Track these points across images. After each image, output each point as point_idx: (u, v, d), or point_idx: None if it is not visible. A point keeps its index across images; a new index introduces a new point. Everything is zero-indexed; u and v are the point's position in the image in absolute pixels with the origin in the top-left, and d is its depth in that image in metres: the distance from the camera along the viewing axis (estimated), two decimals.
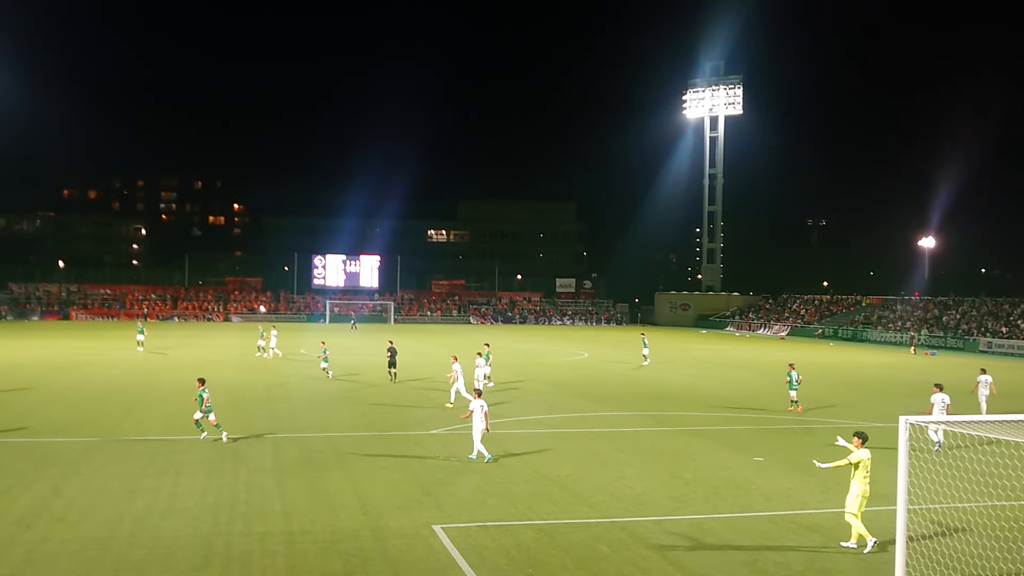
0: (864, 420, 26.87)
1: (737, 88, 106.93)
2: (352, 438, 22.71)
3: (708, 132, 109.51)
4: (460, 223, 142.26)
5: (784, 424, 26.71)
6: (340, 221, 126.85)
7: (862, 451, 13.87)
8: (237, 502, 15.92)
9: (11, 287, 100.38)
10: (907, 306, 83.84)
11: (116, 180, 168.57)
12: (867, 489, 13.75)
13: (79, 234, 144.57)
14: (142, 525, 14.29)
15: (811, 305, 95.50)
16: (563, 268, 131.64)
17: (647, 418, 27.53)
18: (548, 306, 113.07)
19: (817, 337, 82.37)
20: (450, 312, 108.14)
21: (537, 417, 27.16)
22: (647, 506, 16.27)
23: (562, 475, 18.62)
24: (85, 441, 21.60)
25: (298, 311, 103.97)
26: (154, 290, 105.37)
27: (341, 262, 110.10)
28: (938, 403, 22.53)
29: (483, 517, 15.23)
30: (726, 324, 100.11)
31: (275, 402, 29.37)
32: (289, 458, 19.92)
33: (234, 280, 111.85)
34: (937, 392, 22.78)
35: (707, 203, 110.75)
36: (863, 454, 13.82)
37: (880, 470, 19.29)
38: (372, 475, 18.28)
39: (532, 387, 35.45)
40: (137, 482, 17.25)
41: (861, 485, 13.72)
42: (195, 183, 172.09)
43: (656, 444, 22.64)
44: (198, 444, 21.32)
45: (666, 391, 35.03)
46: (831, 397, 33.96)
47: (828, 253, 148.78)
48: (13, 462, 18.83)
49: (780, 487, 18.01)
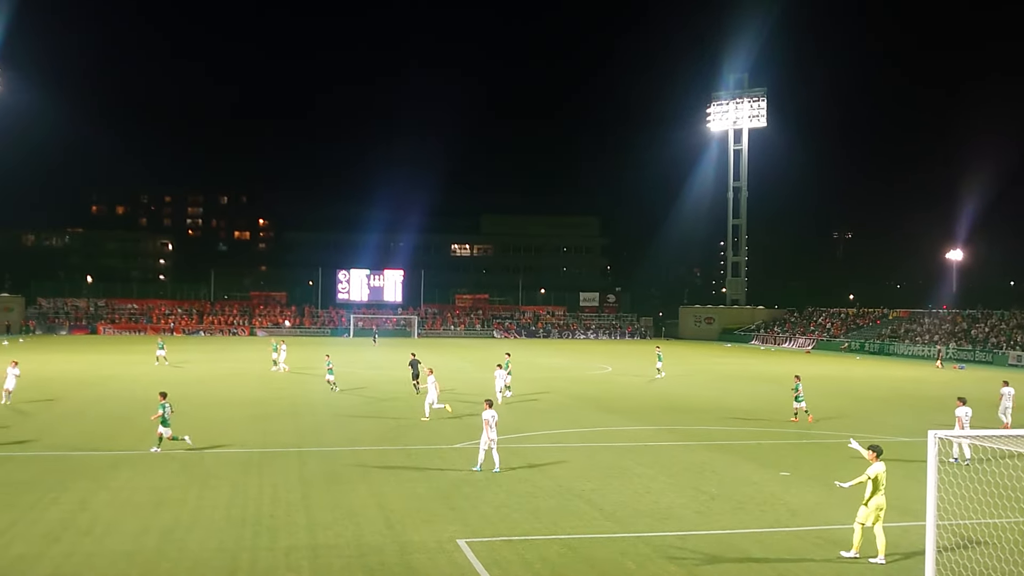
0: (891, 434, 26.61)
1: (761, 101, 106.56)
2: (376, 452, 22.74)
3: (732, 145, 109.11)
4: (484, 237, 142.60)
5: (810, 439, 26.49)
6: (364, 236, 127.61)
7: (878, 464, 13.90)
8: (262, 515, 15.98)
9: (40, 302, 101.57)
10: (935, 319, 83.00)
11: (143, 196, 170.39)
12: (883, 501, 13.77)
13: (107, 249, 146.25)
14: (168, 538, 14.37)
15: (837, 318, 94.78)
16: (587, 282, 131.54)
17: (671, 432, 27.40)
18: (572, 320, 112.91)
19: (843, 351, 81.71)
20: (473, 326, 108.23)
21: (561, 431, 27.09)
22: (672, 521, 16.18)
23: (586, 489, 18.56)
24: (112, 454, 21.76)
25: (322, 325, 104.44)
26: (180, 305, 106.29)
27: (365, 277, 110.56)
28: (963, 416, 22.38)
29: (507, 531, 15.19)
30: (751, 338, 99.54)
31: (300, 416, 29.48)
32: (314, 472, 19.97)
33: (259, 295, 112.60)
34: (961, 406, 22.61)
35: (731, 216, 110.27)
36: (879, 467, 13.85)
37: (908, 485, 19.13)
38: (396, 489, 18.29)
39: (556, 401, 35.38)
40: (163, 495, 17.36)
41: (877, 498, 13.70)
42: (221, 199, 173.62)
43: (681, 458, 22.52)
44: (224, 457, 21.43)
45: (691, 405, 34.84)
46: (858, 411, 33.66)
47: (854, 266, 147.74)
48: (41, 475, 19.00)
49: (806, 502, 17.84)
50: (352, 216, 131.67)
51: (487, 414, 20.02)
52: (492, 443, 19.97)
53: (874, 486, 13.73)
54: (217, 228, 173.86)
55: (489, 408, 20.21)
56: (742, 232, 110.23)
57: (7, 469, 19.61)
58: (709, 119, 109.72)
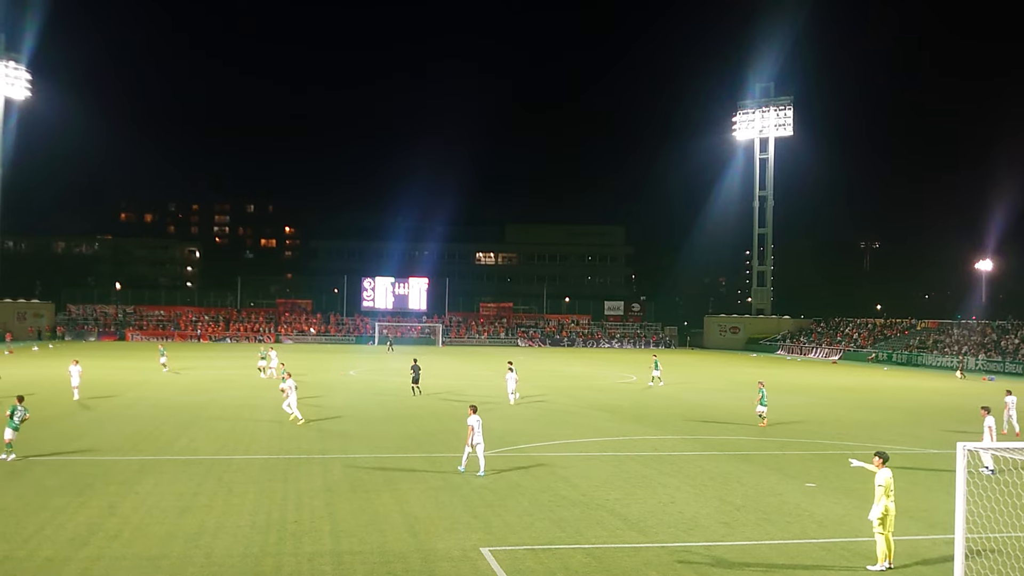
0: (919, 446, 26.36)
1: (788, 109, 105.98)
2: (400, 459, 22.79)
3: (758, 154, 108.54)
4: (508, 246, 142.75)
5: (836, 449, 26.26)
6: (389, 244, 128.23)
7: (886, 471, 13.92)
8: (287, 521, 16.06)
9: (70, 308, 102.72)
10: (964, 330, 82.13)
11: (171, 204, 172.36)
12: (891, 508, 13.77)
13: (135, 257, 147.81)
14: (194, 543, 14.47)
15: (864, 329, 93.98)
16: (611, 291, 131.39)
17: (696, 442, 27.26)
18: (596, 329, 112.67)
19: (870, 361, 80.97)
20: (498, 335, 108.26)
21: (585, 440, 27.03)
22: (697, 531, 16.09)
23: (610, 499, 18.50)
24: (139, 459, 21.96)
25: (347, 333, 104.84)
26: (207, 312, 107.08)
27: (390, 284, 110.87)
28: (992, 426, 22.62)
29: (531, 540, 15.17)
30: (777, 348, 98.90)
31: (324, 422, 29.59)
32: (338, 478, 20.05)
33: (285, 302, 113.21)
34: (986, 415, 22.74)
35: (757, 225, 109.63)
36: (887, 474, 13.88)
37: (935, 497, 18.94)
38: (420, 496, 18.32)
39: (580, 410, 35.31)
40: (190, 500, 17.49)
41: (885, 503, 13.73)
42: (248, 207, 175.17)
43: (705, 468, 22.39)
44: (249, 463, 21.57)
45: (715, 415, 34.65)
46: (885, 422, 33.36)
47: (881, 276, 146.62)
48: (70, 479, 19.20)
49: (833, 513, 17.69)
50: (377, 224, 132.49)
51: (472, 419, 20.61)
52: (478, 447, 20.58)
53: (885, 494, 13.75)
54: (244, 236, 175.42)
55: (473, 414, 20.77)
56: (768, 241, 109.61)
57: (37, 473, 19.83)
58: (735, 128, 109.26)
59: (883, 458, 14.07)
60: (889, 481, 13.80)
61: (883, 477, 13.83)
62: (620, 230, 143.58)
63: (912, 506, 18.26)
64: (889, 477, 13.83)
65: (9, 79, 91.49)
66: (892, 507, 13.75)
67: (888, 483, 13.77)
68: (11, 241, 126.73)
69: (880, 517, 13.70)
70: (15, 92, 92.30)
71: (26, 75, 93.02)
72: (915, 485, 20.55)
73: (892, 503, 13.76)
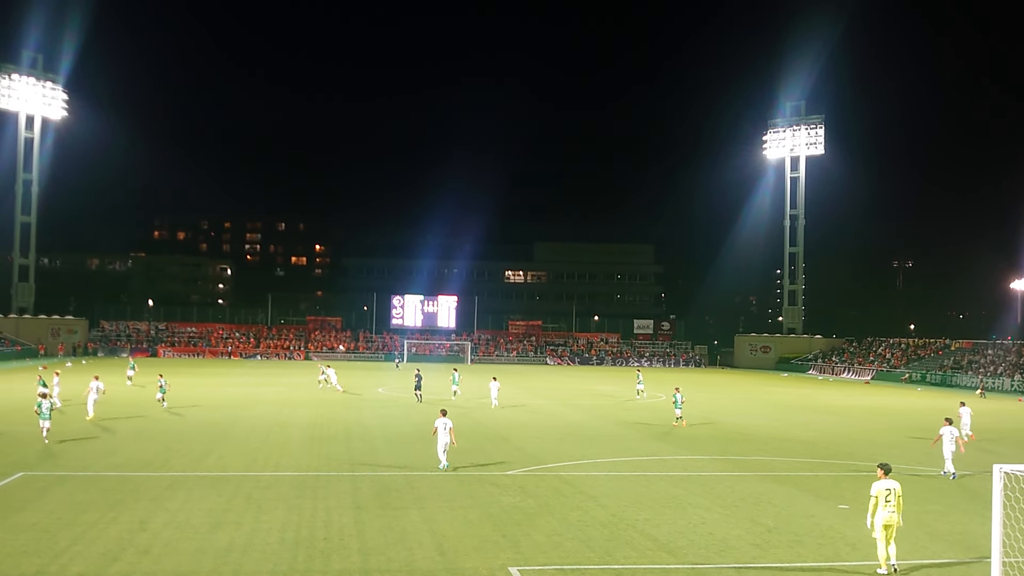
0: (957, 468, 25.91)
1: (819, 128, 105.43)
2: (429, 477, 22.75)
3: (789, 172, 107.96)
4: (537, 264, 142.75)
5: (870, 471, 25.85)
6: (418, 262, 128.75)
7: (882, 482, 14.76)
8: (316, 538, 16.06)
9: (103, 325, 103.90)
10: (999, 350, 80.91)
11: (204, 222, 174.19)
12: (891, 519, 14.48)
13: (168, 273, 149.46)
14: (224, 559, 14.51)
15: (897, 349, 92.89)
16: (641, 309, 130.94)
17: (726, 462, 26.99)
18: (625, 347, 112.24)
19: (904, 382, 79.96)
20: (526, 353, 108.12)
21: (614, 459, 26.87)
22: (728, 553, 15.90)
23: (640, 519, 18.35)
24: (169, 476, 22.09)
25: (376, 350, 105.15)
26: (238, 328, 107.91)
27: (419, 302, 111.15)
28: (947, 435, 24.48)
29: (560, 560, 15.06)
30: (808, 367, 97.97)
31: (353, 440, 29.64)
32: (366, 496, 20.04)
33: (315, 319, 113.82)
34: (947, 425, 24.76)
35: (788, 244, 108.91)
36: (882, 485, 14.69)
37: (969, 519, 18.60)
38: (448, 515, 18.27)
39: (609, 429, 35.13)
40: (220, 517, 17.55)
41: (886, 513, 14.50)
42: (279, 225, 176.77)
43: (736, 489, 22.16)
44: (279, 480, 21.63)
45: (746, 435, 34.32)
46: (918, 444, 32.84)
47: (915, 295, 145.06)
48: (102, 495, 19.34)
49: (867, 536, 17.35)
50: (407, 242, 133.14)
51: (439, 422, 23.36)
52: (446, 445, 23.42)
53: (885, 503, 14.50)
54: (275, 253, 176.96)
55: (443, 416, 23.54)
56: (799, 260, 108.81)
57: (68, 489, 20.00)
58: (765, 146, 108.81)
59: (885, 469, 14.98)
60: (881, 492, 14.54)
61: (876, 487, 14.69)
62: (650, 248, 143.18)
63: (947, 529, 17.97)
64: (882, 488, 14.58)
65: (46, 99, 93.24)
66: (889, 516, 14.43)
67: (880, 493, 14.53)
68: (46, 258, 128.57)
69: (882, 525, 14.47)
70: (52, 112, 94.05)
71: (62, 95, 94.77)
72: (951, 509, 20.22)
73: (888, 512, 14.43)
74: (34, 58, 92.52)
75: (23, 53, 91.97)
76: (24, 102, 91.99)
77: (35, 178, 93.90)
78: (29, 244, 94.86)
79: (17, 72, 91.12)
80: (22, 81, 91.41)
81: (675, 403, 36.30)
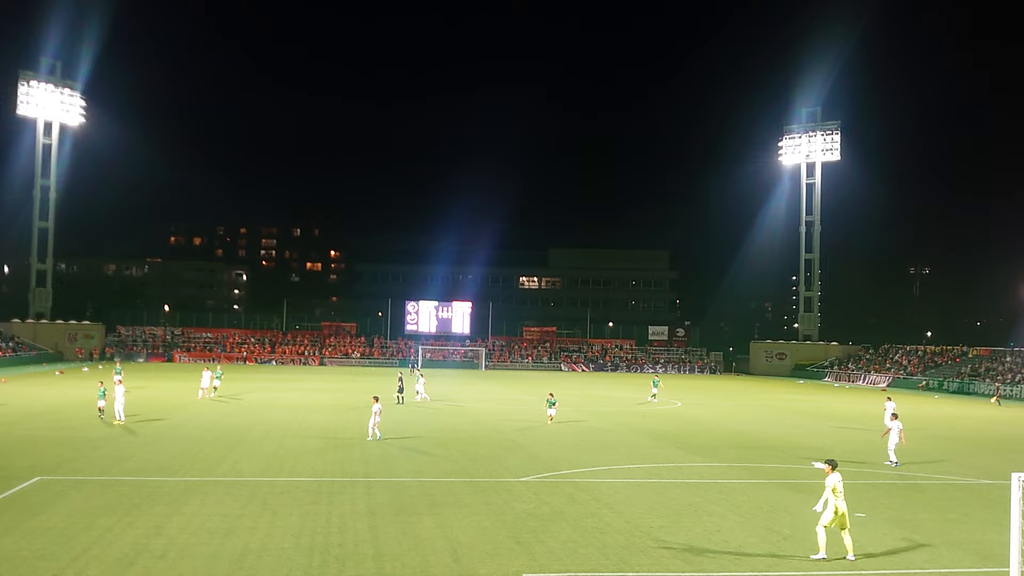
0: (972, 476, 25.74)
1: (835, 134, 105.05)
2: (443, 484, 22.73)
3: (804, 179, 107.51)
4: (552, 270, 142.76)
5: (886, 479, 25.75)
6: (433, 268, 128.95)
7: (834, 475, 15.96)
8: (330, 544, 16.07)
9: (120, 330, 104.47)
10: (1017, 358, 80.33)
11: (219, 228, 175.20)
12: (840, 507, 15.76)
13: (184, 279, 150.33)
14: (239, 565, 14.54)
15: (914, 356, 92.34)
16: (656, 316, 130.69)
17: (742, 470, 26.87)
18: (640, 354, 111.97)
19: (921, 389, 79.47)
20: (541, 359, 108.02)
21: (629, 466, 26.80)
22: (743, 561, 15.82)
23: (655, 526, 18.28)
24: (185, 481, 22.15)
25: (391, 356, 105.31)
26: (253, 334, 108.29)
27: (433, 308, 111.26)
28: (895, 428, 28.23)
29: (574, 567, 15.02)
30: (824, 374, 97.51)
31: (367, 446, 29.67)
32: (381, 502, 20.05)
33: (329, 325, 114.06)
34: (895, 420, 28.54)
35: (804, 251, 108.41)
36: (836, 478, 15.92)
37: (987, 528, 18.45)
38: (463, 521, 18.25)
39: (624, 436, 35.04)
40: (235, 522, 17.59)
41: (839, 503, 15.79)
42: (294, 231, 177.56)
43: (752, 496, 22.05)
44: (294, 486, 21.66)
45: (761, 442, 34.17)
46: (936, 451, 32.64)
47: (932, 302, 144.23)
48: (118, 500, 19.41)
49: (883, 544, 17.30)
50: (421, 248, 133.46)
51: (375, 407, 30.80)
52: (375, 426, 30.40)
53: (834, 494, 15.83)
54: (290, 259, 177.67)
55: (376, 403, 31.03)
56: (815, 267, 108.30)
57: (84, 494, 20.08)
58: (781, 152, 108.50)
59: (832, 464, 16.16)
60: (838, 484, 15.82)
61: (832, 481, 15.88)
62: (665, 255, 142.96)
63: (965, 538, 17.83)
64: (838, 480, 15.85)
65: (64, 106, 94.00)
66: (842, 506, 15.76)
67: (836, 486, 15.82)
68: (64, 264, 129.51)
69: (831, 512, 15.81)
70: (70, 118, 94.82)
71: (80, 101, 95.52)
72: (969, 517, 20.07)
73: (841, 502, 15.77)
74: (52, 65, 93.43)
75: (42, 60, 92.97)
76: (43, 108, 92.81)
77: (53, 184, 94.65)
78: (47, 250, 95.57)
79: (36, 79, 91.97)
80: (41, 88, 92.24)
81: (550, 404, 38.96)
